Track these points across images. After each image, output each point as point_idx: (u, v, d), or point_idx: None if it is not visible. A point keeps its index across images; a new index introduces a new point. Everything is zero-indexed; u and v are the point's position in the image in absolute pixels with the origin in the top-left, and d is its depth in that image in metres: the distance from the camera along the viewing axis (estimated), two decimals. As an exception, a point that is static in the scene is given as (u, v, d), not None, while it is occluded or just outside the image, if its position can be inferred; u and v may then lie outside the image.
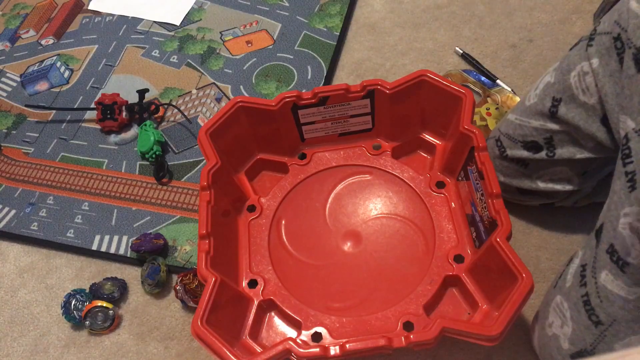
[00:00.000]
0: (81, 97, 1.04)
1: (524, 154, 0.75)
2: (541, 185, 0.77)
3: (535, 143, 0.74)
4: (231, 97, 1.01)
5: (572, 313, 0.61)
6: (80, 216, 0.90)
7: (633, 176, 0.55)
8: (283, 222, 0.79)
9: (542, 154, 0.74)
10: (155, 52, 1.09)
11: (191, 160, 0.94)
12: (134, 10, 1.17)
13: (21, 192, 0.94)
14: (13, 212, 0.91)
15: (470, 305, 0.70)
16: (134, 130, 0.99)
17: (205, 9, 1.15)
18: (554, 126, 0.71)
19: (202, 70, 1.05)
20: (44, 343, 0.79)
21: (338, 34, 1.07)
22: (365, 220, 0.78)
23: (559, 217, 0.84)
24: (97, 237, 0.87)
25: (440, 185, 0.79)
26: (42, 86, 1.07)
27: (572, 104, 0.67)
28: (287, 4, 1.14)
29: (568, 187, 0.76)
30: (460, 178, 0.77)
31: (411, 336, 0.60)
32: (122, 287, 0.81)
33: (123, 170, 0.94)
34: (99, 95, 1.02)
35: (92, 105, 1.00)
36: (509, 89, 0.96)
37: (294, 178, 0.82)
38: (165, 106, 1.01)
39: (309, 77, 1.02)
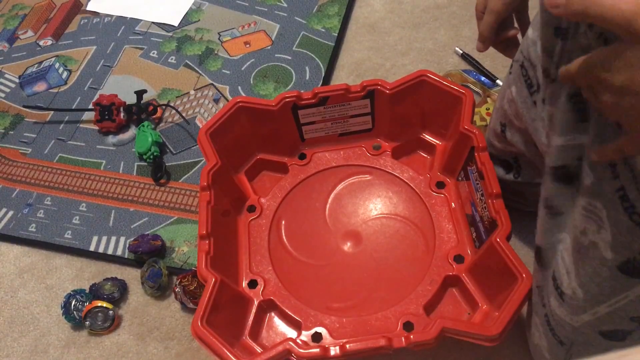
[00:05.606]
0: (79, 98, 1.04)
1: (500, 172, 0.73)
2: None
3: (507, 162, 0.73)
4: (229, 98, 1.01)
5: (542, 329, 0.60)
6: (77, 217, 0.90)
7: (547, 202, 0.53)
8: (283, 222, 0.79)
9: (510, 175, 0.72)
10: (153, 53, 1.09)
11: (189, 161, 0.94)
12: (132, 11, 1.17)
13: (18, 192, 0.93)
14: (11, 213, 0.91)
15: (470, 305, 0.70)
16: (131, 131, 0.99)
17: (204, 10, 1.15)
18: (512, 148, 0.69)
19: (200, 71, 1.05)
20: (44, 343, 0.79)
21: (336, 34, 1.07)
22: (365, 220, 0.78)
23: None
24: (95, 238, 0.87)
25: (440, 185, 0.79)
26: (40, 87, 1.07)
27: (513, 128, 0.66)
28: (285, 5, 1.14)
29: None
30: (460, 178, 0.77)
31: (411, 336, 0.60)
32: (122, 288, 0.81)
33: (121, 171, 0.94)
34: (97, 96, 1.02)
35: (90, 106, 1.00)
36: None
37: (294, 178, 0.82)
38: (163, 107, 1.01)
39: (307, 77, 1.02)
